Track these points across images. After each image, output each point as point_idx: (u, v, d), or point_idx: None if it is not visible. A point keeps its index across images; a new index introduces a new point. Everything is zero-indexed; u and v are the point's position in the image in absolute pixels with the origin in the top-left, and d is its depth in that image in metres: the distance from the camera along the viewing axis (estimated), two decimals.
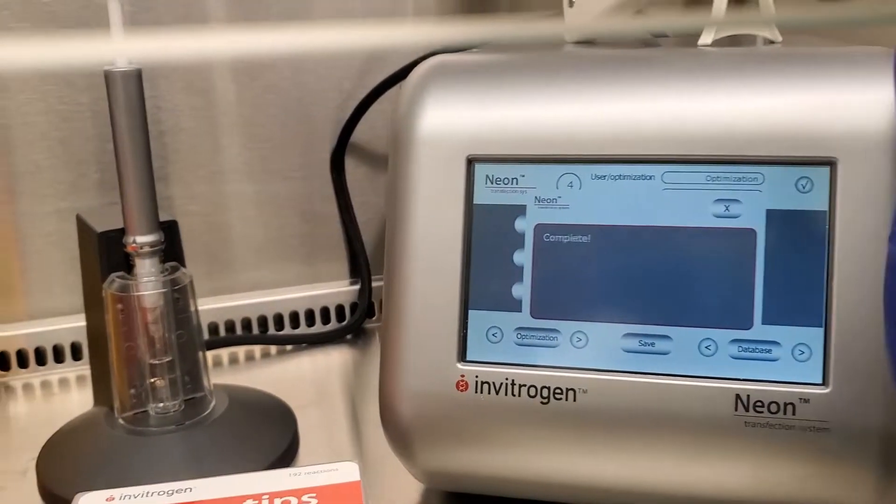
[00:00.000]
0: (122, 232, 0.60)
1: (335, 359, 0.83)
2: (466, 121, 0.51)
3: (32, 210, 0.79)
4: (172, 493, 0.45)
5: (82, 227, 0.64)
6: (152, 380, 0.63)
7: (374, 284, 0.88)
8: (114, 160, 0.57)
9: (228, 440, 0.62)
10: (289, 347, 0.85)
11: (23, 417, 0.74)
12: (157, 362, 0.62)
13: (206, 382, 0.65)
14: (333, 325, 0.88)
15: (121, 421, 0.63)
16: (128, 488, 0.46)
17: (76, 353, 0.81)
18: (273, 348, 0.84)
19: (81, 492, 0.46)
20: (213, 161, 0.82)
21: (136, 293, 0.60)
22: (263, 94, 0.83)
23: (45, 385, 0.79)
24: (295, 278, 0.88)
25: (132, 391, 0.63)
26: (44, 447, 0.64)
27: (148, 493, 0.46)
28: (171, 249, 0.62)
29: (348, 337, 0.87)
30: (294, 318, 0.87)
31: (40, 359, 0.80)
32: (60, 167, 0.79)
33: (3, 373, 0.79)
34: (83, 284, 0.66)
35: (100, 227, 0.61)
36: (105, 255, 0.60)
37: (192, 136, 0.81)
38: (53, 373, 0.80)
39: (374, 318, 0.89)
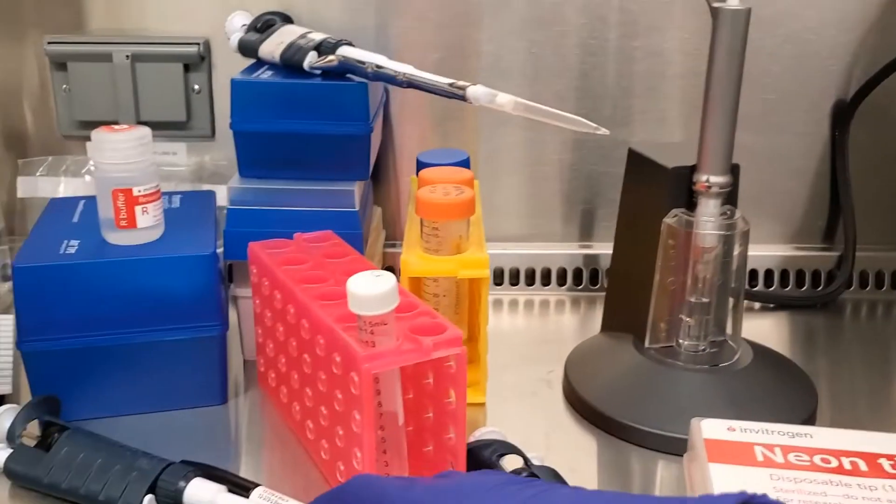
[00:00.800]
0: (692, 169, 0.61)
1: (801, 324, 0.80)
2: None
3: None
4: (794, 436, 0.46)
5: (637, 159, 0.66)
6: (686, 317, 0.64)
7: (858, 254, 0.83)
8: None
9: (760, 391, 0.62)
10: (756, 305, 0.84)
11: (525, 331, 0.79)
12: (694, 301, 0.63)
13: (731, 330, 0.65)
14: (808, 290, 0.85)
15: (650, 350, 0.65)
16: (746, 422, 0.47)
17: (562, 279, 0.85)
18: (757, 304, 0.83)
19: (698, 417, 0.48)
20: None
21: (695, 231, 0.61)
22: (782, 44, 0.80)
23: (528, 304, 0.84)
24: (768, 237, 0.85)
25: (663, 324, 0.65)
26: (568, 361, 0.68)
27: (767, 430, 0.47)
28: (730, 192, 0.62)
29: (817, 305, 0.83)
30: (768, 276, 0.85)
31: (530, 279, 0.85)
32: (574, 100, 0.82)
33: (497, 288, 0.85)
34: (620, 213, 0.69)
35: (667, 162, 0.62)
36: (672, 189, 0.62)
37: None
38: (537, 294, 0.85)
39: (852, 289, 0.85)
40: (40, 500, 0.53)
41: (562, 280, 0.85)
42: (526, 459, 0.53)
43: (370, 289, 0.45)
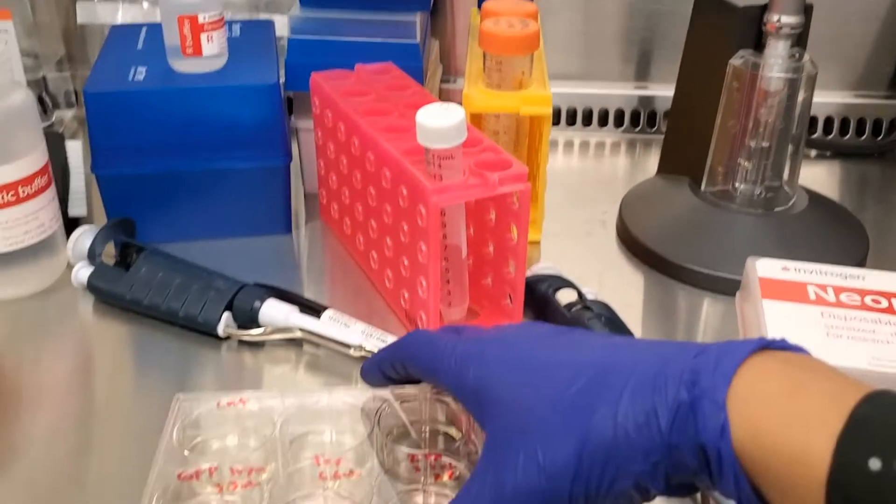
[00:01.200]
0: (762, 9, 0.59)
1: (857, 173, 0.80)
2: None
3: None
4: (847, 277, 0.47)
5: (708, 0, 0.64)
6: (744, 161, 0.64)
7: None
8: None
9: (813, 236, 0.62)
10: (813, 153, 0.83)
11: (580, 172, 0.80)
12: (754, 145, 0.63)
13: (787, 175, 0.65)
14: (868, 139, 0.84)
15: (706, 193, 0.65)
16: (800, 263, 0.49)
17: (619, 120, 0.85)
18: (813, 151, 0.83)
19: (752, 256, 0.49)
20: None
21: (761, 73, 0.60)
22: None
23: (583, 145, 0.84)
24: (830, 82, 0.83)
25: (721, 168, 0.65)
26: (623, 202, 0.69)
27: (820, 270, 0.48)
28: (800, 34, 0.60)
29: (875, 154, 0.82)
30: (828, 123, 0.84)
31: (586, 119, 0.85)
32: None
33: (553, 128, 0.85)
34: (685, 53, 0.68)
35: (737, 0, 0.60)
36: (740, 30, 0.60)
37: None
38: (593, 135, 0.85)
39: None
40: (122, 315, 0.57)
41: (618, 121, 0.85)
42: (580, 293, 0.55)
43: (440, 121, 0.46)
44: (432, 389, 0.45)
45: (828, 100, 0.83)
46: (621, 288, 0.62)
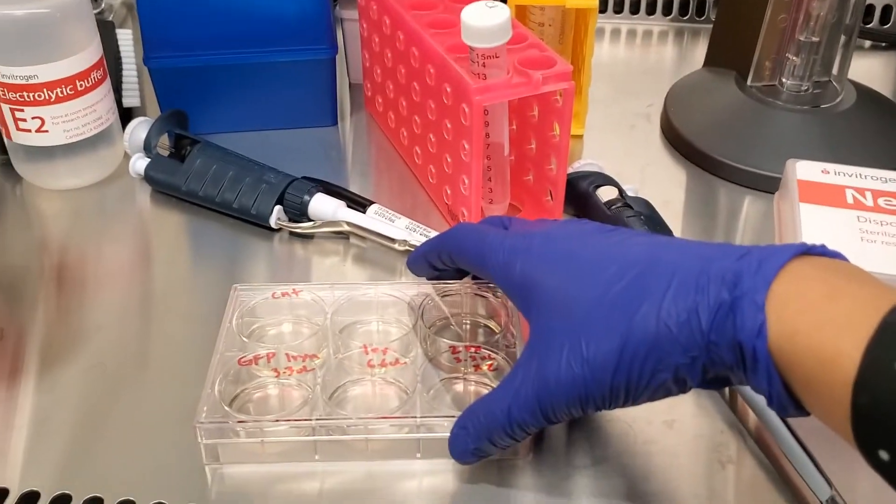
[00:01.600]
0: None
1: None
2: None
3: None
4: (886, 181, 0.47)
5: None
6: (793, 56, 0.63)
7: None
8: None
9: (859, 134, 0.62)
10: (867, 44, 0.81)
11: (626, 62, 0.79)
12: (803, 39, 0.62)
13: (837, 71, 0.64)
14: None
15: (752, 88, 0.65)
16: (841, 166, 0.49)
17: (667, 8, 0.83)
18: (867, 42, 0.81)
19: (793, 158, 0.50)
20: None
21: None
22: None
23: (630, 34, 0.83)
24: None
25: (768, 63, 0.65)
26: (668, 95, 0.69)
27: (861, 174, 0.48)
28: None
29: None
30: (885, 12, 0.81)
31: (634, 7, 0.83)
32: None
33: (599, 16, 0.84)
34: None
35: None
36: None
37: None
38: (640, 23, 0.84)
39: None
40: (178, 205, 0.59)
41: (667, 9, 0.83)
42: (621, 190, 0.56)
43: (484, 20, 0.46)
44: (473, 284, 0.47)
45: None
46: (663, 183, 0.62)
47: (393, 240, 0.53)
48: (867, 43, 0.81)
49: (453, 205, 0.55)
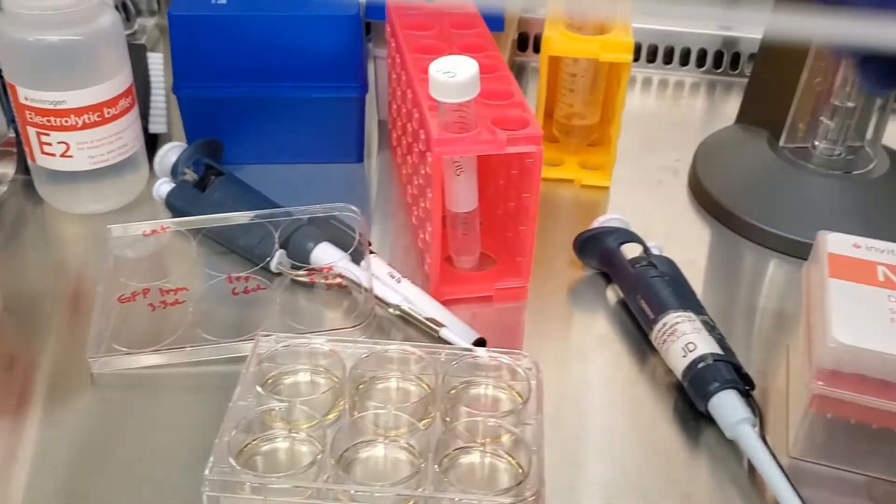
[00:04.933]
0: None
1: None
2: None
3: None
4: None
5: None
6: (827, 120, 0.62)
7: None
8: None
9: (891, 202, 0.61)
10: None
11: (657, 114, 0.78)
12: (838, 104, 0.61)
13: (871, 137, 0.63)
14: None
15: (784, 150, 0.64)
16: (874, 241, 0.48)
17: (701, 60, 0.82)
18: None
19: (823, 230, 0.49)
20: None
21: None
22: None
23: (662, 84, 0.83)
24: None
25: (802, 125, 0.64)
26: (698, 151, 0.68)
27: (893, 251, 0.47)
28: None
29: None
30: None
31: (667, 58, 0.83)
32: None
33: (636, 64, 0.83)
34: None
35: None
36: None
37: None
38: (673, 74, 0.83)
39: None
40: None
41: (700, 61, 0.83)
42: (646, 248, 0.55)
43: (449, 76, 0.45)
44: (499, 352, 0.46)
45: None
46: (688, 241, 0.61)
47: (387, 304, 0.52)
48: None
49: (422, 251, 0.55)
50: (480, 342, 0.50)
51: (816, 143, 0.63)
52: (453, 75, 0.45)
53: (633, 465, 0.45)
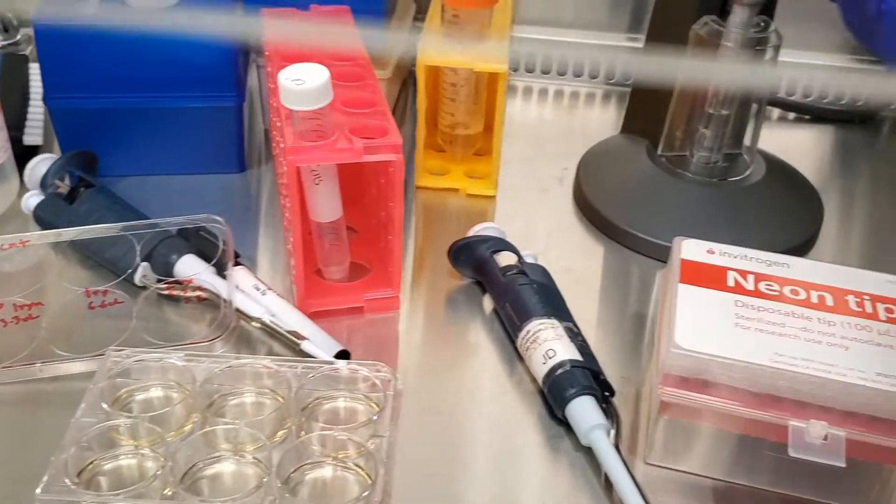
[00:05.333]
0: None
1: (854, 139, 0.78)
2: None
3: None
4: (771, 265, 0.47)
5: None
6: (703, 128, 0.63)
7: None
8: None
9: (765, 208, 0.62)
10: (791, 116, 0.81)
11: (549, 124, 0.79)
12: (713, 112, 0.62)
13: (749, 142, 0.64)
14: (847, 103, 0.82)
15: (662, 158, 0.65)
16: (727, 246, 0.48)
17: (596, 70, 0.83)
18: (791, 115, 0.81)
19: (679, 236, 0.49)
20: None
21: (723, 42, 0.59)
22: None
23: (558, 94, 0.83)
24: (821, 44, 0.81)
25: (679, 133, 0.65)
26: (581, 161, 0.69)
27: (746, 255, 0.48)
28: (767, 4, 0.59)
29: (856, 120, 0.81)
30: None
31: (562, 68, 0.83)
32: None
33: (527, 74, 0.84)
34: (653, 13, 0.66)
35: None
36: None
37: None
38: (568, 84, 0.84)
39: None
40: (67, 247, 0.57)
41: (595, 71, 0.83)
42: (519, 256, 0.55)
43: (298, 84, 0.45)
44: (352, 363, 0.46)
45: (811, 61, 0.82)
46: (568, 250, 0.62)
47: (249, 316, 0.51)
48: (791, 115, 0.81)
49: (289, 261, 0.54)
50: (343, 354, 0.49)
51: (694, 151, 0.64)
52: (302, 83, 0.45)
53: (490, 475, 0.45)
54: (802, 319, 0.43)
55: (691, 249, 0.48)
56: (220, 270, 0.53)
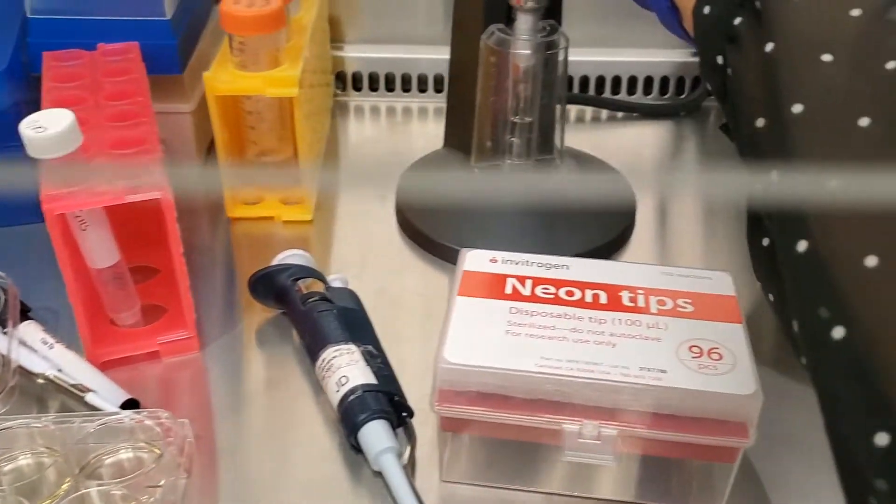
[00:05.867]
0: None
1: (665, 134, 0.80)
2: None
3: None
4: (550, 268, 0.47)
5: None
6: (510, 137, 0.63)
7: None
8: None
9: (574, 210, 0.62)
10: (619, 115, 0.82)
11: (374, 142, 0.78)
12: (517, 121, 0.63)
13: (558, 145, 0.65)
14: (671, 97, 0.83)
15: (476, 169, 0.65)
16: (510, 253, 0.48)
17: (422, 83, 0.83)
18: (604, 112, 0.82)
19: (466, 248, 0.49)
20: None
21: (511, 50, 0.59)
22: None
23: (390, 111, 0.83)
24: (639, 39, 0.83)
25: (489, 143, 0.65)
26: (402, 178, 0.68)
27: (528, 261, 0.48)
28: (551, 7, 0.59)
29: (681, 113, 0.82)
30: (631, 83, 0.83)
31: (388, 84, 0.83)
32: None
33: (355, 93, 0.83)
34: (454, 24, 0.66)
35: None
36: (487, 4, 0.59)
37: None
38: (399, 100, 0.83)
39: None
40: None
41: (422, 86, 0.83)
42: (325, 282, 0.54)
43: (39, 131, 0.44)
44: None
45: (631, 59, 0.83)
46: (386, 269, 0.61)
47: (32, 373, 0.49)
48: (619, 114, 0.82)
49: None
50: (132, 403, 0.48)
51: (506, 160, 0.64)
52: (43, 130, 0.43)
53: None
54: (574, 320, 0.43)
55: (475, 260, 0.48)
56: (2, 327, 0.50)
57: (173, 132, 0.67)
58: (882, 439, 0.24)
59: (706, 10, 0.39)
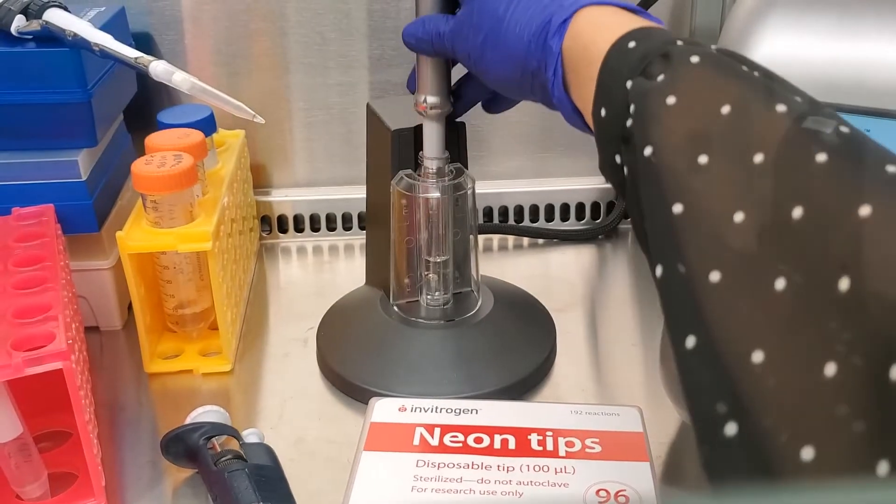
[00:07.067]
0: (414, 131, 0.60)
1: (585, 258, 0.82)
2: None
3: (313, 81, 0.81)
4: (460, 413, 0.47)
5: (373, 118, 0.64)
6: (426, 273, 0.64)
7: None
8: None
9: (494, 343, 0.63)
10: (541, 241, 0.84)
11: (299, 283, 0.79)
12: (432, 260, 0.64)
13: (475, 278, 0.66)
14: (588, 222, 0.86)
15: (395, 308, 0.65)
16: (419, 400, 0.48)
17: (347, 222, 0.84)
18: (525, 239, 0.84)
19: (375, 397, 0.49)
20: None
21: (420, 194, 0.61)
22: None
23: (317, 250, 0.84)
24: (556, 170, 0.86)
25: (407, 281, 0.66)
26: (322, 321, 0.68)
27: (437, 407, 0.48)
28: (456, 150, 0.61)
29: (600, 237, 0.85)
30: (549, 210, 0.86)
31: (314, 224, 0.84)
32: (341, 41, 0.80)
33: (282, 235, 0.84)
34: (367, 171, 0.68)
35: (393, 123, 0.61)
36: (397, 151, 0.61)
37: None
38: (325, 239, 0.84)
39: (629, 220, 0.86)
40: None
41: (347, 224, 0.85)
42: (239, 439, 0.53)
43: None
44: None
45: (556, 188, 0.85)
46: (306, 417, 0.60)
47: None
48: (541, 241, 0.84)
49: None
50: None
51: (423, 296, 0.65)
52: None
53: None
54: (481, 470, 0.43)
55: (383, 410, 0.48)
56: None
57: (93, 289, 0.67)
58: None
59: (602, 112, 0.40)
